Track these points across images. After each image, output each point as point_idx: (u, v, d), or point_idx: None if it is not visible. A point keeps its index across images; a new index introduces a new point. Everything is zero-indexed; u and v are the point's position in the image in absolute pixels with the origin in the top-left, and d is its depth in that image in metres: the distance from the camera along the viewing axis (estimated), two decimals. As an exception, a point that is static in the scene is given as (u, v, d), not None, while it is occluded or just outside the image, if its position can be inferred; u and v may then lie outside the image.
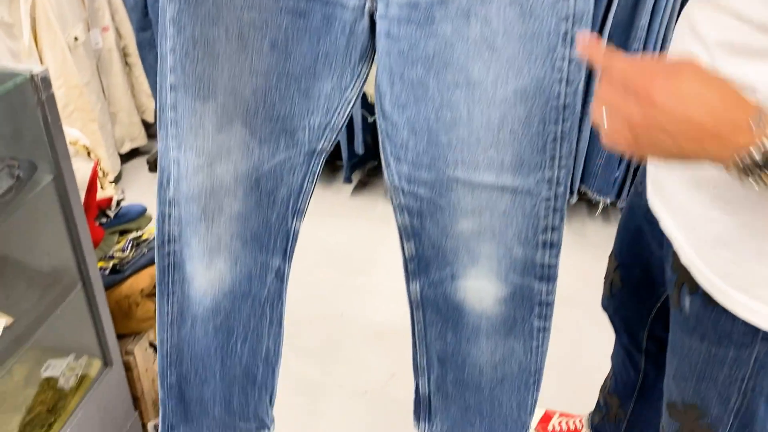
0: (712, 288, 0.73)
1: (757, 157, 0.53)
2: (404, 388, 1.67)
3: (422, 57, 0.83)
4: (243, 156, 0.92)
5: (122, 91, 2.44)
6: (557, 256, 0.93)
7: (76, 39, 2.13)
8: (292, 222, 0.99)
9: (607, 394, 1.30)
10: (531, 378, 1.03)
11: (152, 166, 2.57)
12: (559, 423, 1.48)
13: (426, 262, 0.99)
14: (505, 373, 1.04)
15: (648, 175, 0.87)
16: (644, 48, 1.87)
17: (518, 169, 0.88)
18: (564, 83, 0.81)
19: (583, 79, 0.82)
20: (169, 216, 0.97)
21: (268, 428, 1.16)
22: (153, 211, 1.58)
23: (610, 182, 2.09)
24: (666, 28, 1.84)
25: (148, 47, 2.32)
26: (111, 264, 1.38)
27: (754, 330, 0.70)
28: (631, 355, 1.15)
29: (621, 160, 2.07)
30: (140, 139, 2.58)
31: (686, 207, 0.76)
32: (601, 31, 1.84)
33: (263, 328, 1.06)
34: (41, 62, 2.01)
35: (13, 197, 1.04)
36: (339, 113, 0.91)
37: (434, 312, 1.03)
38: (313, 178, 0.96)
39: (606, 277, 1.11)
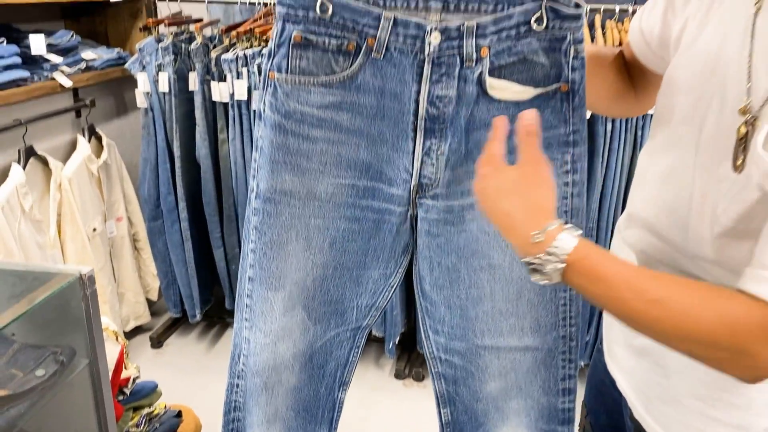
0: None
1: (544, 252, 0.75)
2: None
3: (455, 248, 1.02)
4: (301, 335, 1.07)
5: (131, 273, 2.64)
6: (574, 400, 1.10)
7: (94, 230, 2.37)
8: (338, 392, 1.13)
9: None
10: None
11: (154, 343, 2.71)
12: None
13: (461, 428, 1.12)
14: None
15: (604, 341, 1.07)
16: (597, 228, 2.14)
17: (537, 331, 1.05)
18: None
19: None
20: (237, 386, 1.10)
21: None
22: (154, 377, 1.71)
23: (582, 346, 2.27)
24: (615, 212, 2.13)
25: (157, 234, 2.57)
26: (126, 439, 1.50)
27: None
28: None
29: (590, 325, 2.27)
30: (144, 317, 2.74)
31: (634, 371, 0.96)
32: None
33: None
34: (63, 253, 2.23)
35: (56, 381, 1.19)
36: (383, 295, 1.08)
37: None
38: (358, 351, 1.11)
39: (580, 423, 1.26)
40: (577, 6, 0.91)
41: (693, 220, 0.83)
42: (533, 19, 0.91)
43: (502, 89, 0.94)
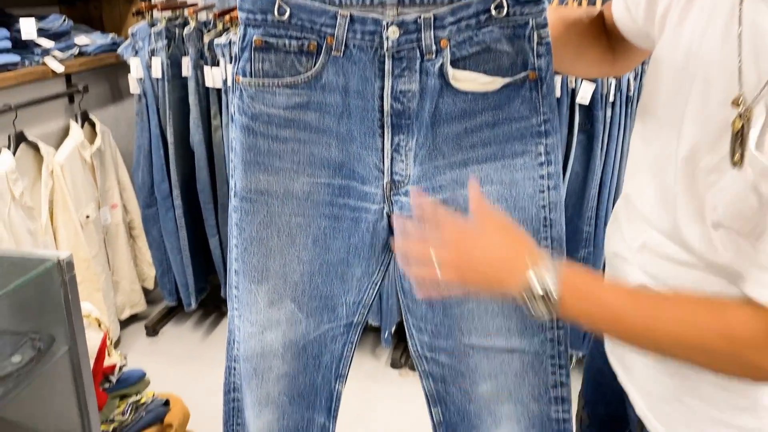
0: None
1: (533, 290, 0.76)
2: None
3: None
4: (291, 326, 1.08)
5: (126, 261, 2.63)
6: (569, 411, 1.06)
7: (87, 217, 2.35)
8: (335, 384, 1.13)
9: None
10: None
11: (149, 331, 2.70)
12: None
13: (453, 428, 1.11)
14: None
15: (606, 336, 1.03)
16: (596, 217, 2.10)
17: (524, 332, 1.02)
18: None
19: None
20: (234, 369, 1.13)
21: None
22: (149, 366, 1.69)
23: (580, 337, 2.23)
24: (614, 199, 2.09)
25: (152, 222, 2.54)
26: (111, 428, 1.48)
27: None
28: None
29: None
30: (140, 306, 2.73)
31: (636, 368, 0.92)
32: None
33: None
34: (55, 239, 2.21)
35: (33, 367, 1.17)
36: (368, 292, 1.08)
37: None
38: (352, 347, 1.11)
39: (576, 415, 1.22)
40: None
41: (680, 211, 0.80)
42: (493, 7, 0.89)
43: (468, 81, 0.92)
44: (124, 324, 2.73)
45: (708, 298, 0.75)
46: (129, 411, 1.53)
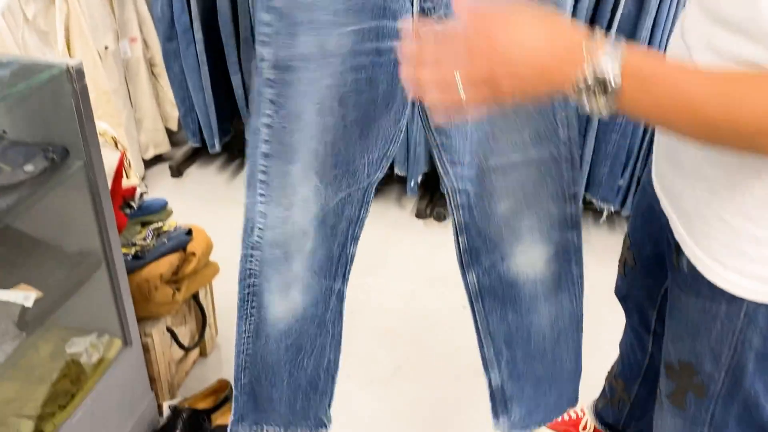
0: (696, 260, 0.80)
1: (589, 80, 0.61)
2: (408, 380, 1.74)
3: None
4: (315, 200, 1.04)
5: (148, 99, 2.55)
6: (579, 202, 1.11)
7: (106, 48, 2.25)
8: (349, 247, 1.10)
9: (613, 378, 1.34)
10: (578, 323, 1.19)
11: (174, 172, 2.67)
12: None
13: (476, 252, 1.11)
14: (560, 329, 1.18)
15: (653, 157, 0.95)
16: (649, 43, 1.94)
17: (538, 141, 1.03)
18: None
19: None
20: (251, 257, 1.10)
21: (326, 427, 1.29)
22: (173, 204, 1.67)
23: (614, 190, 2.15)
24: (671, 26, 1.92)
25: (173, 57, 2.43)
26: (133, 251, 1.47)
27: None
28: (639, 337, 1.20)
29: (625, 168, 2.13)
30: (164, 146, 2.68)
31: (676, 186, 0.84)
32: (608, 28, 1.92)
33: (326, 343, 1.18)
34: (73, 68, 2.13)
35: (47, 178, 1.13)
36: (394, 142, 1.03)
37: (492, 297, 1.15)
38: (368, 206, 1.08)
39: (620, 258, 1.17)
40: None
41: None
42: None
43: None
44: (149, 164, 2.71)
45: None
46: (151, 236, 1.51)
